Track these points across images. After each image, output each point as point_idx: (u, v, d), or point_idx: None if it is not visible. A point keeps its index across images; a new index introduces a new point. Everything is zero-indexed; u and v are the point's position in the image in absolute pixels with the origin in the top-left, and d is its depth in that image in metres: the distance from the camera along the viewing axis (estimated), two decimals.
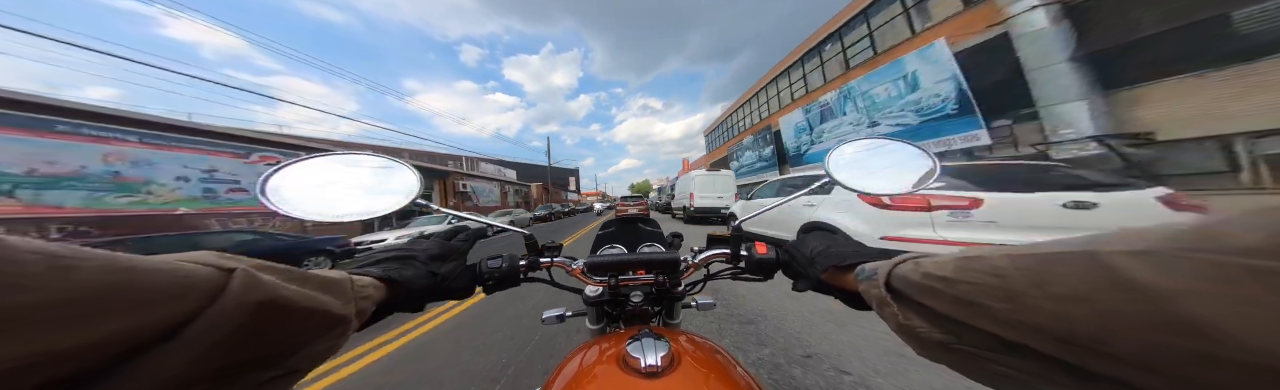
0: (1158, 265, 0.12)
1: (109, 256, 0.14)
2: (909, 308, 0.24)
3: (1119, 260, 0.13)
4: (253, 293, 0.17)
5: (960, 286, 0.19)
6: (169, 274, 0.15)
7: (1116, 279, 0.13)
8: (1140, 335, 0.12)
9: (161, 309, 0.14)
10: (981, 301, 0.18)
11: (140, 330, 0.14)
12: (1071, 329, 0.14)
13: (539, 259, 0.54)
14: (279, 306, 0.19)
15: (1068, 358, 0.15)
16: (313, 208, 0.40)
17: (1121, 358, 0.13)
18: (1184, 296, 0.11)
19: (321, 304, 0.22)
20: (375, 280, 0.32)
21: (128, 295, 0.13)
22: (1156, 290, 0.12)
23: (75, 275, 0.12)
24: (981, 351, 0.20)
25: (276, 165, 0.41)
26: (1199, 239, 0.12)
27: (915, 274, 0.23)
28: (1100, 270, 0.14)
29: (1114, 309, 0.13)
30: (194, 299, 0.16)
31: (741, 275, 0.55)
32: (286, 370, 0.20)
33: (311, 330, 0.21)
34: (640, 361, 0.38)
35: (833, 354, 1.60)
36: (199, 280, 0.16)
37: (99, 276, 0.13)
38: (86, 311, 0.12)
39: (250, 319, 0.17)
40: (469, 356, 1.81)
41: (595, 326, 0.68)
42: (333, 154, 0.45)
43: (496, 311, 2.52)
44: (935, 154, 0.52)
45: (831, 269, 0.38)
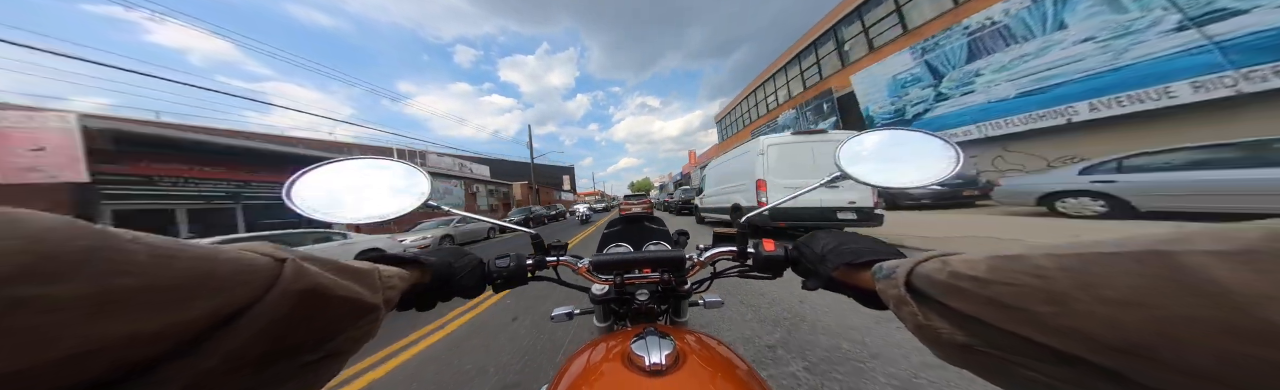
0: (1253, 267, 0.11)
1: (198, 247, 0.15)
2: (931, 308, 0.23)
3: (1200, 261, 0.12)
4: (301, 281, 0.19)
5: (995, 287, 0.18)
6: (239, 263, 0.16)
7: (1191, 282, 0.12)
8: (1216, 344, 0.11)
9: (232, 295, 0.16)
10: (1020, 304, 0.17)
11: (212, 314, 0.15)
12: (1126, 336, 0.13)
13: (546, 258, 0.54)
14: (321, 294, 0.20)
15: (1117, 367, 0.14)
16: (332, 210, 0.43)
17: (1186, 369, 0.12)
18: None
19: (355, 293, 0.23)
20: (400, 270, 0.34)
21: (211, 282, 0.15)
22: (1244, 295, 0.11)
23: (173, 263, 0.14)
24: (1011, 356, 0.19)
25: (299, 171, 0.43)
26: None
27: (941, 273, 0.22)
28: (1171, 272, 0.13)
29: (1184, 315, 0.12)
30: (256, 286, 0.17)
31: (749, 273, 0.54)
32: (326, 353, 0.21)
33: (347, 317, 0.22)
34: (645, 360, 0.39)
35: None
36: (259, 269, 0.17)
37: (191, 264, 0.14)
38: (179, 296, 0.14)
39: (297, 306, 0.18)
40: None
41: (602, 324, 0.68)
42: (350, 159, 0.48)
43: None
44: (957, 143, 0.48)
45: (844, 267, 0.37)
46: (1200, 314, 0.11)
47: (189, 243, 0.15)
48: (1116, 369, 0.15)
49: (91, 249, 0.12)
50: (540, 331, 2.08)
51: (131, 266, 0.12)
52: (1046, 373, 0.18)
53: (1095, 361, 0.15)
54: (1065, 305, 0.15)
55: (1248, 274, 0.11)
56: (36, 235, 0.11)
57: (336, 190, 0.45)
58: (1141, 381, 0.14)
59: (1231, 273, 0.11)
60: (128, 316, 0.12)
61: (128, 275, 0.12)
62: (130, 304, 0.12)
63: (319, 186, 0.44)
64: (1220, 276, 0.11)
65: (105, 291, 0.12)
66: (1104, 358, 0.15)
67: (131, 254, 0.13)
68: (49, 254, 0.11)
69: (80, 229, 0.12)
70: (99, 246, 0.12)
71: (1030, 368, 0.18)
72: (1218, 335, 0.11)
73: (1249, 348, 0.10)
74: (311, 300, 0.19)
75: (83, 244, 0.12)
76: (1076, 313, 0.15)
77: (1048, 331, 0.16)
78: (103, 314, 0.11)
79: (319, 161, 0.46)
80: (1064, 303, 0.15)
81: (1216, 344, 0.11)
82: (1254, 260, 0.11)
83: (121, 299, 0.12)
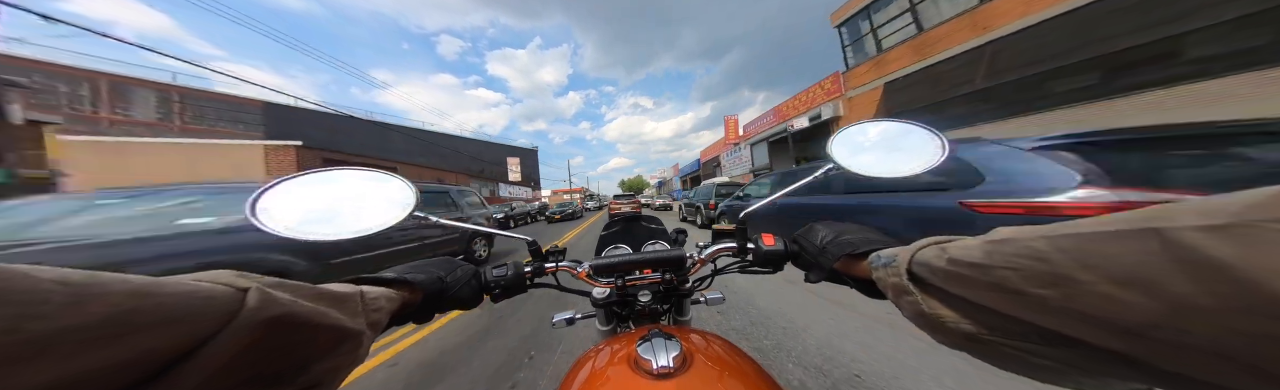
0: (1243, 240, 0.11)
1: (129, 281, 0.14)
2: (933, 296, 0.23)
3: (1191, 237, 0.12)
4: (267, 311, 0.18)
5: (997, 272, 0.18)
6: (187, 295, 0.15)
7: (1189, 258, 0.11)
8: (1219, 322, 0.11)
9: (180, 330, 0.15)
10: (1022, 288, 0.17)
11: (160, 351, 0.14)
12: (1130, 317, 0.13)
13: (544, 264, 0.53)
14: (292, 323, 0.19)
15: (1122, 348, 0.14)
16: (307, 227, 0.40)
17: (1191, 347, 0.12)
18: (1277, 274, 0.10)
19: (333, 319, 0.22)
20: (386, 290, 0.33)
21: (148, 318, 0.14)
22: (1242, 269, 0.10)
23: (101, 300, 0.13)
24: (1016, 342, 0.19)
25: (264, 185, 0.41)
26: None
27: (940, 260, 0.22)
28: (1167, 249, 0.12)
29: (1187, 293, 0.11)
30: (211, 319, 0.16)
31: (750, 268, 0.54)
32: (304, 385, 0.20)
33: (324, 346, 0.22)
34: (652, 363, 0.38)
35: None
36: (216, 300, 0.16)
37: (120, 300, 0.13)
38: (108, 335, 0.13)
39: (264, 337, 0.17)
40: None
41: (605, 328, 0.67)
42: (322, 171, 0.45)
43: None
44: (945, 134, 0.48)
45: (845, 258, 0.37)
46: (1200, 290, 0.11)
47: (123, 277, 0.14)
48: (1124, 350, 0.14)
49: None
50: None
51: (44, 309, 0.11)
52: (1053, 357, 0.17)
53: (1102, 344, 0.15)
54: (1068, 287, 0.15)
55: (1237, 247, 0.11)
56: None
57: (310, 205, 0.42)
58: (1151, 362, 0.14)
59: (1222, 246, 0.11)
60: (50, 363, 0.11)
61: (39, 319, 0.11)
62: (50, 349, 0.11)
63: (288, 202, 0.41)
64: (1212, 251, 0.11)
65: (14, 339, 0.11)
66: (1111, 339, 0.14)
67: (43, 294, 0.12)
68: None
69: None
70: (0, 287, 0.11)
71: (1036, 353, 0.18)
72: (1221, 311, 0.11)
73: (1252, 322, 0.10)
74: (282, 329, 0.18)
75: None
76: (1081, 294, 0.14)
77: (1053, 315, 0.16)
78: (15, 362, 0.11)
79: (284, 176, 0.42)
80: (1067, 285, 0.15)
81: (1221, 320, 0.11)
82: (1241, 233, 0.11)
83: (36, 345, 0.11)
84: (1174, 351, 0.13)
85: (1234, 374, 0.11)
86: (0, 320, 0.11)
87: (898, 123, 0.52)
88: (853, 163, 0.49)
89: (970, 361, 1.15)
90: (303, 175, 0.44)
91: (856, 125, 0.52)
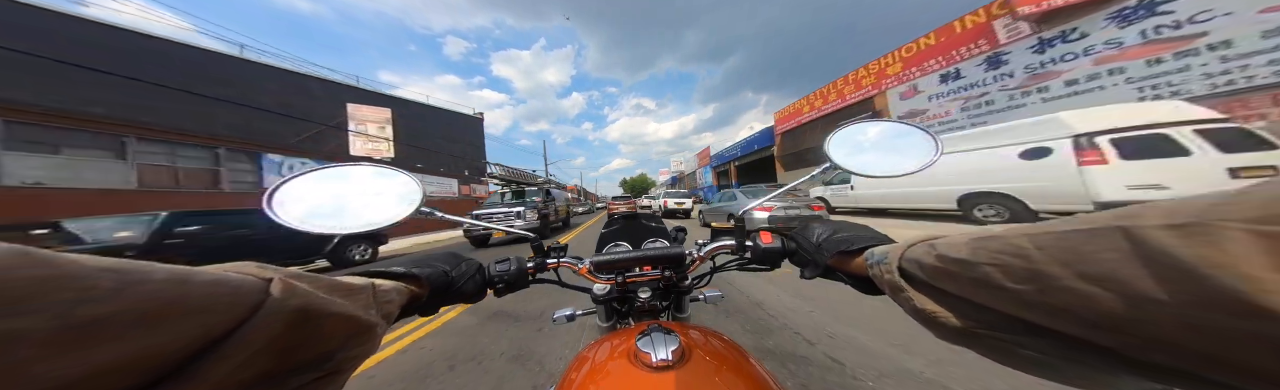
0: (1199, 239, 0.11)
1: (169, 269, 0.15)
2: (925, 292, 0.24)
3: (1154, 235, 0.12)
4: (290, 300, 0.18)
5: (981, 269, 0.19)
6: (219, 285, 0.16)
7: (1152, 255, 0.12)
8: (1180, 315, 0.11)
9: (214, 317, 0.15)
10: (1004, 284, 0.17)
11: (196, 338, 0.15)
12: (1102, 310, 0.14)
13: (546, 260, 0.54)
14: (312, 313, 0.20)
15: (1099, 340, 0.15)
16: (319, 220, 0.41)
17: (1158, 339, 0.13)
18: (1229, 271, 0.10)
19: (349, 310, 0.23)
20: (396, 283, 0.33)
21: (186, 306, 0.14)
22: (1198, 266, 0.11)
23: (141, 288, 0.13)
24: (1005, 335, 0.19)
25: (281, 179, 0.42)
26: (1245, 209, 0.11)
27: (929, 257, 0.23)
28: (1133, 247, 0.13)
29: (1149, 288, 0.12)
30: (241, 307, 0.16)
31: (748, 266, 0.54)
32: (324, 373, 0.21)
33: (342, 335, 0.22)
34: (651, 356, 0.39)
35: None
36: (244, 289, 0.17)
37: (162, 287, 0.14)
38: (152, 322, 0.13)
39: (288, 326, 0.18)
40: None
41: (605, 324, 0.68)
42: (335, 166, 0.46)
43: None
44: (936, 132, 0.50)
45: (839, 254, 0.38)
46: (1160, 285, 0.12)
47: (160, 265, 0.15)
48: (1101, 342, 0.15)
49: (46, 278, 0.11)
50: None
51: (95, 293, 0.12)
52: (1043, 350, 0.18)
53: (1081, 336, 0.15)
54: (1044, 282, 0.15)
55: (1194, 245, 0.11)
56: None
57: (321, 199, 0.43)
58: (1131, 355, 0.14)
59: (1180, 244, 0.12)
60: (98, 347, 0.12)
61: (91, 303, 0.12)
62: (98, 334, 0.12)
63: (301, 196, 0.43)
64: (1172, 249, 0.12)
65: (68, 323, 0.11)
66: (1088, 332, 0.15)
67: (93, 280, 0.12)
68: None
69: (31, 257, 0.11)
70: (54, 275, 0.11)
71: (1026, 346, 0.19)
72: (1177, 305, 0.11)
73: (1205, 315, 0.11)
74: (304, 320, 0.19)
75: (35, 273, 0.11)
76: (1056, 289, 0.15)
77: (1033, 309, 0.17)
78: (68, 346, 0.11)
79: (301, 171, 0.43)
80: (1043, 280, 0.16)
81: (1177, 313, 0.11)
82: (1199, 232, 0.11)
83: (87, 329, 0.11)
84: (1143, 343, 0.13)
85: (1197, 364, 0.12)
86: (56, 305, 0.11)
87: (894, 123, 0.52)
88: (850, 162, 0.50)
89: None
90: (317, 170, 0.45)
91: (855, 125, 0.53)
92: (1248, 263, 0.10)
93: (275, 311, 0.17)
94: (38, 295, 0.11)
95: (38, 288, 0.11)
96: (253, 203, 5.95)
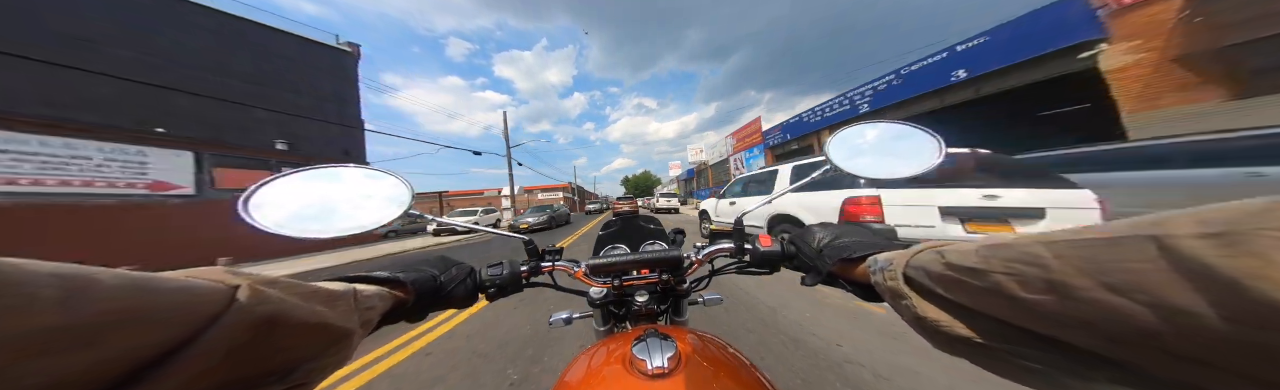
0: (1240, 248, 0.10)
1: (123, 276, 0.14)
2: (929, 300, 0.23)
3: (1188, 244, 0.11)
4: (257, 308, 0.18)
5: (993, 277, 0.18)
6: (178, 292, 0.15)
7: (1187, 267, 0.11)
8: (1213, 330, 0.11)
9: (171, 326, 0.15)
10: (1018, 294, 0.16)
11: (147, 348, 0.14)
12: (1129, 323, 0.13)
13: (540, 264, 0.53)
14: (282, 321, 0.19)
15: (1117, 354, 0.14)
16: (299, 224, 0.39)
17: (1189, 356, 0.12)
18: (1274, 283, 0.10)
19: (324, 318, 0.22)
20: (380, 289, 0.32)
21: (140, 314, 0.14)
22: (1240, 277, 0.10)
23: (89, 296, 0.12)
24: (1010, 346, 0.18)
25: (258, 182, 0.40)
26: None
27: (936, 264, 0.22)
28: (1165, 257, 0.12)
29: (1185, 300, 0.11)
30: (201, 315, 0.16)
31: (747, 269, 0.53)
32: (290, 384, 0.20)
33: (315, 344, 0.21)
34: (646, 363, 0.38)
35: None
36: (206, 296, 0.16)
37: (114, 295, 0.13)
38: (99, 331, 0.12)
39: (254, 334, 0.17)
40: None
41: (602, 328, 0.67)
42: (317, 168, 0.44)
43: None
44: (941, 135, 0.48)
45: (841, 262, 0.37)
46: (1196, 298, 0.11)
47: (114, 272, 0.14)
48: (1118, 357, 0.14)
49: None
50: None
51: (35, 305, 0.11)
52: (1047, 362, 0.17)
53: (1097, 350, 0.15)
54: (1065, 293, 0.15)
55: (1233, 255, 0.11)
56: None
57: (303, 202, 0.41)
58: (1145, 368, 0.13)
59: (1218, 254, 0.11)
60: (38, 363, 0.11)
61: (29, 315, 0.11)
62: (39, 349, 0.11)
63: (282, 199, 0.40)
64: (1209, 259, 0.11)
65: (7, 334, 0.10)
66: (1106, 346, 0.14)
67: (34, 289, 0.11)
68: None
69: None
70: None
71: (1030, 358, 0.18)
72: (1215, 319, 0.11)
73: (1246, 330, 0.10)
74: (273, 327, 0.18)
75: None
76: (1078, 300, 0.14)
77: (1048, 321, 0.16)
78: (7, 358, 0.10)
79: (283, 172, 0.41)
80: (1063, 291, 0.15)
81: (1215, 328, 0.11)
82: (1237, 241, 0.11)
83: (29, 340, 0.11)
84: (1169, 359, 0.12)
85: (1227, 382, 0.11)
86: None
87: (896, 124, 0.51)
88: (850, 165, 0.49)
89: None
90: (298, 172, 0.43)
91: (855, 127, 0.52)
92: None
93: (238, 319, 0.17)
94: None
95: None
96: None
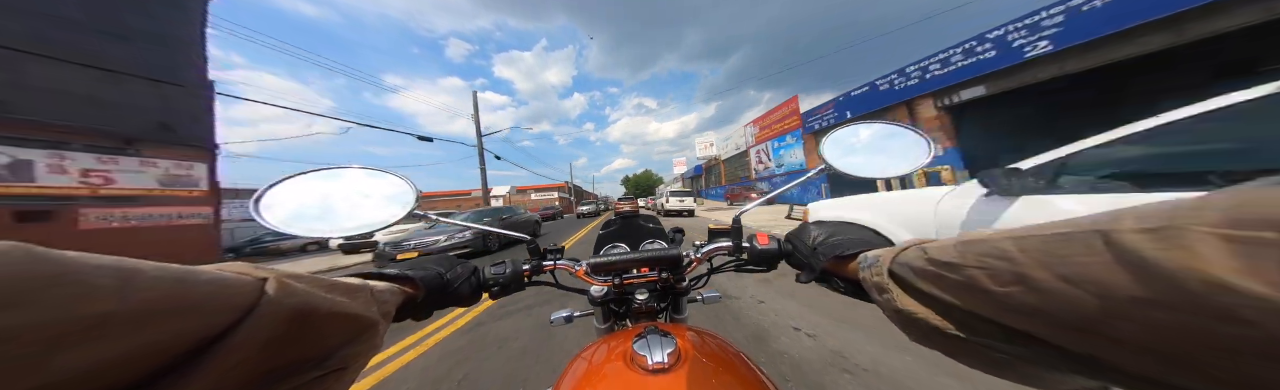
0: (1171, 242, 0.11)
1: (168, 268, 0.15)
2: (909, 293, 0.24)
3: (1130, 238, 0.13)
4: (288, 299, 0.19)
5: (967, 271, 0.19)
6: (211, 284, 0.16)
7: (1129, 259, 0.12)
8: (1147, 316, 0.12)
9: (211, 316, 0.15)
10: (989, 287, 0.17)
11: (194, 336, 0.15)
12: (1077, 311, 0.14)
13: (542, 262, 0.54)
14: (311, 312, 0.20)
15: (1072, 345, 0.15)
16: (308, 223, 0.40)
17: (1133, 343, 0.13)
18: (1198, 273, 0.10)
19: (349, 309, 0.23)
20: (392, 285, 0.34)
21: (184, 304, 0.14)
22: (1169, 268, 0.11)
23: (139, 287, 0.13)
24: (980, 338, 0.19)
25: (270, 182, 0.41)
26: (1213, 213, 0.11)
27: (919, 260, 0.23)
28: (1111, 251, 0.13)
29: (1123, 289, 0.12)
30: (238, 306, 0.17)
31: (745, 267, 0.54)
32: (327, 370, 0.21)
33: (343, 333, 0.22)
34: (647, 359, 0.39)
35: None
36: (237, 289, 0.17)
37: (160, 286, 0.14)
38: (150, 321, 0.13)
39: (287, 324, 0.18)
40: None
41: (603, 326, 0.68)
42: (326, 169, 0.45)
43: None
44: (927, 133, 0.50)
45: (834, 259, 0.38)
46: (1134, 288, 0.12)
47: (159, 264, 0.15)
48: (1077, 348, 0.15)
49: (48, 276, 0.11)
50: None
51: (95, 292, 0.12)
52: (1014, 353, 0.18)
53: (1055, 340, 0.16)
54: (1026, 285, 0.16)
55: (1165, 248, 0.11)
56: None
57: (310, 202, 0.42)
58: (1109, 360, 0.14)
59: (1152, 247, 0.12)
60: (97, 344, 0.12)
61: (91, 301, 0.12)
62: (98, 331, 0.12)
63: (291, 199, 0.42)
64: (1145, 252, 0.12)
65: (66, 320, 0.11)
66: (1062, 335, 0.15)
67: (93, 278, 0.12)
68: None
69: (33, 255, 0.11)
70: (56, 273, 0.11)
71: (998, 349, 0.19)
72: (1149, 307, 0.12)
73: (1173, 316, 0.11)
74: (303, 318, 0.19)
75: (37, 270, 0.11)
76: (1039, 292, 0.15)
77: (1013, 312, 0.17)
78: (66, 344, 0.11)
79: (290, 173, 0.43)
80: (1025, 283, 0.16)
81: (1149, 315, 0.12)
82: (1170, 236, 0.11)
83: (86, 327, 0.11)
84: (1122, 349, 0.13)
85: (1178, 372, 0.12)
86: (55, 300, 0.11)
87: (887, 124, 0.53)
88: (843, 164, 0.50)
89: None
90: (307, 173, 0.44)
91: (848, 127, 0.53)
92: (1216, 265, 0.10)
93: (273, 310, 0.18)
94: (39, 291, 0.11)
95: (39, 284, 0.11)
96: None
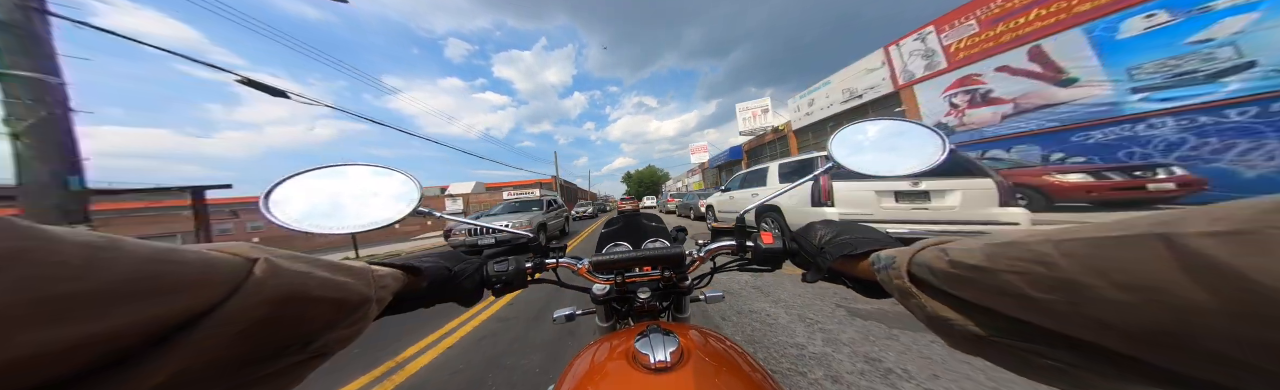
0: (1252, 246, 0.10)
1: (147, 247, 0.14)
2: (938, 299, 0.23)
3: (1199, 242, 0.12)
4: (275, 281, 0.18)
5: (1002, 276, 0.18)
6: (197, 264, 0.16)
7: (1199, 265, 0.11)
8: (1227, 327, 0.11)
9: (189, 297, 0.15)
10: (1028, 293, 0.16)
11: (169, 317, 0.14)
12: (1139, 322, 0.13)
13: (545, 260, 0.54)
14: (301, 295, 0.19)
15: (1132, 352, 0.14)
16: (316, 220, 0.41)
17: (1204, 354, 0.12)
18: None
19: (342, 289, 0.23)
20: (394, 270, 0.33)
21: (159, 284, 0.14)
22: (1251, 275, 0.10)
23: (116, 265, 0.13)
24: (1025, 344, 0.19)
25: (279, 179, 0.42)
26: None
27: (941, 262, 0.22)
28: (1177, 256, 0.12)
29: (1197, 299, 0.11)
30: (216, 288, 0.16)
31: (748, 266, 0.54)
32: (311, 354, 0.21)
33: (332, 316, 0.22)
34: (649, 357, 0.39)
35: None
36: (222, 269, 0.17)
37: (136, 265, 0.13)
38: (124, 299, 0.13)
39: (272, 307, 0.18)
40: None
41: (605, 324, 0.68)
42: (333, 166, 0.46)
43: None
44: (945, 131, 0.44)
45: (842, 258, 0.37)
46: (1208, 296, 0.11)
47: (139, 242, 0.14)
48: (1134, 354, 0.14)
49: (16, 250, 0.11)
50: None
51: (65, 269, 0.12)
52: (1062, 360, 0.17)
53: (1111, 348, 0.15)
54: (1076, 293, 0.15)
55: (1246, 252, 0.11)
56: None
57: (318, 200, 0.43)
58: (1163, 366, 0.13)
59: (1230, 253, 0.11)
60: (64, 322, 0.11)
61: (60, 279, 0.11)
62: (66, 309, 0.11)
63: (298, 196, 0.42)
64: (1221, 258, 0.11)
65: (32, 297, 0.11)
66: (1120, 344, 0.14)
67: (65, 255, 0.12)
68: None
69: (4, 228, 0.11)
70: (26, 247, 0.11)
71: (1046, 356, 0.18)
72: (1229, 317, 0.11)
73: (1260, 328, 0.10)
74: (291, 301, 0.19)
75: (6, 245, 0.11)
76: (1090, 300, 0.14)
77: (1060, 319, 0.16)
78: (32, 320, 0.11)
79: (297, 170, 0.43)
80: (1074, 290, 0.15)
81: (1229, 326, 0.11)
82: (1251, 239, 0.11)
83: (55, 304, 0.11)
84: (1184, 356, 0.12)
85: (1243, 378, 0.11)
86: (19, 280, 0.11)
87: (898, 122, 0.52)
88: (852, 161, 0.49)
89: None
90: (314, 169, 0.45)
91: (857, 124, 0.52)
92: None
93: (257, 291, 0.17)
94: (4, 268, 0.11)
95: (4, 260, 0.11)
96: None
